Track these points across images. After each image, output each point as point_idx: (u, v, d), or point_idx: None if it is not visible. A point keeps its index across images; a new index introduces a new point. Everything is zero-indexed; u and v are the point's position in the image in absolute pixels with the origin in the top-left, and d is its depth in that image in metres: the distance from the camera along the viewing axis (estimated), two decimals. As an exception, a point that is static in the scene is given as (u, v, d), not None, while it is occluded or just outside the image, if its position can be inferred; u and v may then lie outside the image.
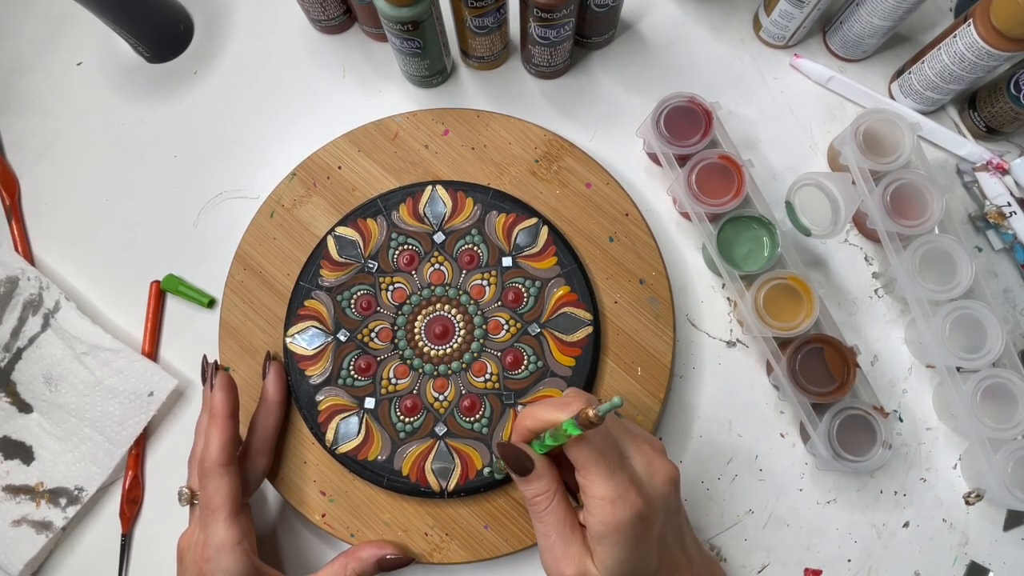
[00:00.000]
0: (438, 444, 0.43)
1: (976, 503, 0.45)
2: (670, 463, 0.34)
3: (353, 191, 0.48)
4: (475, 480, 0.43)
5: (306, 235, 0.48)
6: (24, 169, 0.54)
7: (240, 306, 0.47)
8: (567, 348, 0.44)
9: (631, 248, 0.46)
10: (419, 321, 0.45)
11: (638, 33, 0.53)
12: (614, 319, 0.45)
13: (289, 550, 0.46)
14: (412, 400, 0.44)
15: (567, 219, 0.47)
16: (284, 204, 0.48)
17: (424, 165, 0.48)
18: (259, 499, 0.47)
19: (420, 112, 0.49)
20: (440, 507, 0.44)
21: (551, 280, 0.45)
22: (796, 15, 0.48)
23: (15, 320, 0.49)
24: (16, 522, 0.46)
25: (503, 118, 0.48)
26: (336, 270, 0.46)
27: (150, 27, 0.52)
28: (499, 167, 0.48)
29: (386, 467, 0.43)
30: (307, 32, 0.54)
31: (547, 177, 0.47)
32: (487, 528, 0.43)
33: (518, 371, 0.44)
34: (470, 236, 0.46)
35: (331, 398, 0.44)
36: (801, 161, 0.50)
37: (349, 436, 0.44)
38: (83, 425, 0.47)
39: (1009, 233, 0.47)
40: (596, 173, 0.47)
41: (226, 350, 0.47)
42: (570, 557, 0.33)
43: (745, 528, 0.45)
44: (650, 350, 0.45)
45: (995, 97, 0.46)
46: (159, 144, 0.53)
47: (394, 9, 0.43)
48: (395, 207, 0.47)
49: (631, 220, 0.47)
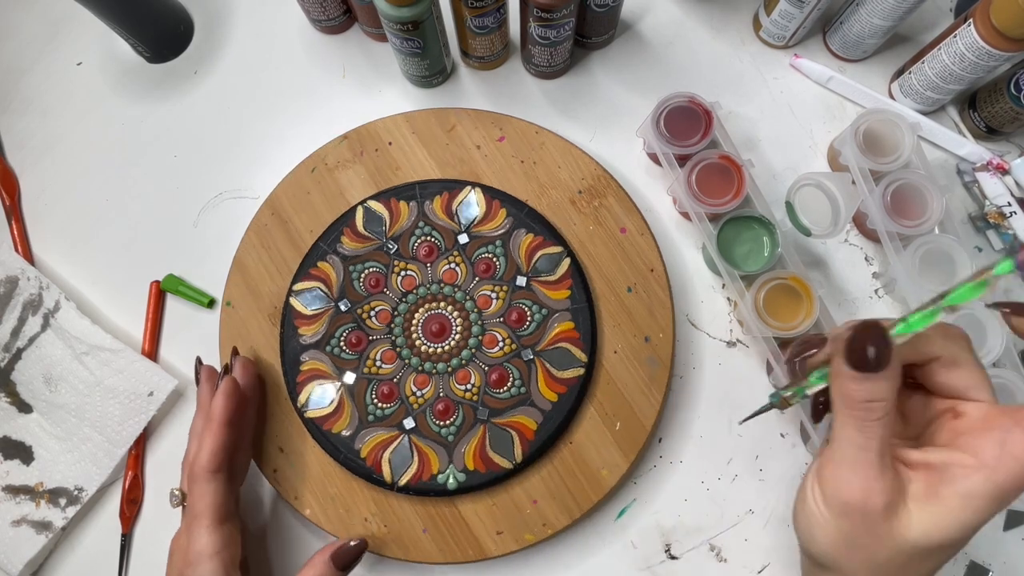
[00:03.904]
0: (402, 438, 0.43)
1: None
2: None
3: (396, 170, 0.48)
4: (428, 483, 0.42)
5: (339, 199, 0.48)
6: (24, 169, 0.54)
7: (257, 248, 0.48)
8: (554, 383, 0.44)
9: (646, 304, 0.45)
10: (419, 313, 0.45)
11: (638, 33, 0.53)
12: (609, 368, 0.44)
13: (276, 548, 0.46)
14: (390, 387, 0.44)
15: (592, 257, 0.46)
16: (327, 163, 0.49)
17: (471, 164, 0.48)
18: (252, 499, 0.47)
19: (483, 112, 0.49)
20: (387, 498, 0.44)
21: (558, 312, 0.45)
22: (796, 15, 0.48)
23: (15, 320, 0.49)
24: (16, 522, 0.46)
25: (560, 141, 0.48)
26: (357, 241, 0.46)
27: (150, 27, 0.52)
28: (542, 187, 0.47)
29: (347, 443, 0.43)
30: (307, 32, 0.54)
31: (585, 210, 0.47)
32: (425, 532, 0.43)
33: (500, 390, 0.44)
34: (493, 246, 0.46)
35: (314, 362, 0.45)
36: (801, 161, 0.50)
37: (321, 404, 0.44)
38: (83, 425, 0.47)
39: (1009, 233, 0.47)
40: (634, 220, 0.46)
41: (232, 286, 0.47)
42: (883, 486, 0.26)
43: (745, 528, 0.45)
44: (635, 409, 0.44)
45: (995, 97, 0.46)
46: (159, 144, 0.53)
47: (394, 9, 0.43)
48: (431, 197, 0.47)
49: (654, 277, 0.46)
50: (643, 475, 0.46)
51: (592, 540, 0.45)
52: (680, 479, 0.45)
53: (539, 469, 0.43)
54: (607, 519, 0.45)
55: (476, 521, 0.43)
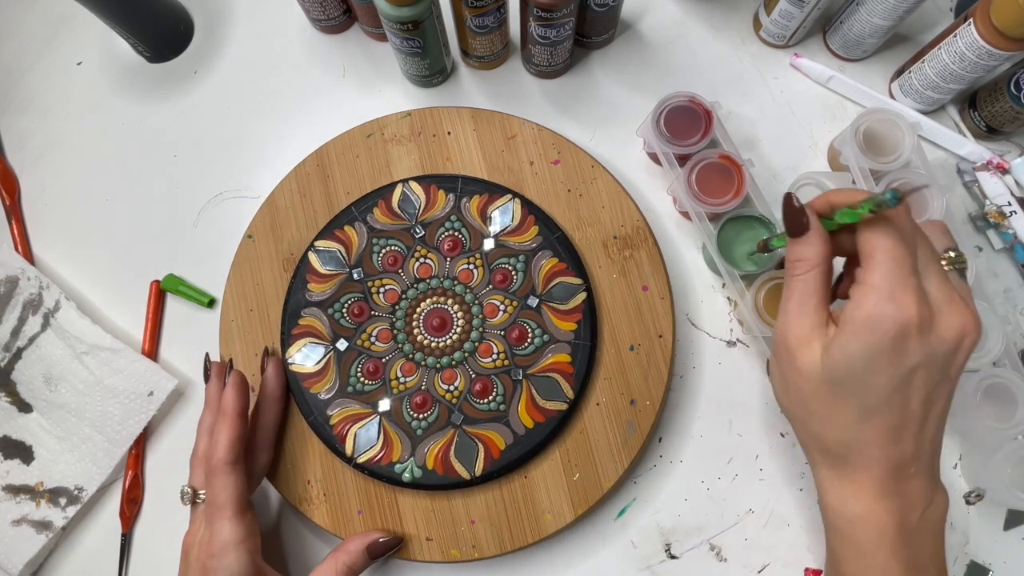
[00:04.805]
0: (374, 418, 0.43)
1: (976, 503, 0.44)
2: (973, 319, 0.30)
3: (446, 160, 0.48)
4: (385, 468, 0.43)
5: (384, 171, 0.48)
6: (24, 169, 0.54)
7: (293, 192, 0.48)
8: (535, 410, 0.43)
9: (644, 368, 0.44)
10: (425, 304, 0.45)
11: (638, 33, 0.53)
12: (587, 418, 0.43)
13: (293, 550, 0.46)
14: (376, 365, 0.44)
15: (607, 305, 0.45)
16: (384, 134, 0.49)
17: (519, 177, 0.48)
18: (262, 500, 0.47)
19: (547, 131, 0.48)
20: (336, 469, 0.44)
21: (559, 342, 0.44)
22: (796, 15, 0.47)
23: (15, 320, 0.49)
24: (16, 522, 0.46)
25: (612, 182, 0.47)
26: (388, 216, 0.46)
27: (150, 27, 0.52)
28: (580, 220, 0.47)
29: (321, 407, 0.44)
30: (307, 32, 0.54)
31: (614, 257, 0.46)
32: (360, 513, 0.43)
33: (481, 401, 0.43)
34: (515, 259, 0.45)
35: (313, 319, 0.45)
36: (801, 161, 0.50)
37: (307, 362, 0.44)
38: (83, 425, 0.47)
39: (1009, 233, 0.47)
40: (659, 281, 0.45)
41: (258, 220, 0.48)
42: (800, 325, 0.32)
43: (745, 528, 0.45)
44: (598, 466, 0.43)
45: (995, 96, 0.46)
46: (159, 144, 0.53)
47: (394, 9, 0.43)
48: (470, 195, 0.46)
49: (661, 344, 0.44)
50: (643, 474, 0.46)
51: (592, 540, 0.45)
52: (680, 479, 0.45)
53: (487, 491, 0.43)
54: (607, 518, 0.45)
55: (411, 520, 0.43)
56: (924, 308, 0.29)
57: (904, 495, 0.32)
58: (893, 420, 0.31)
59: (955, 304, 0.30)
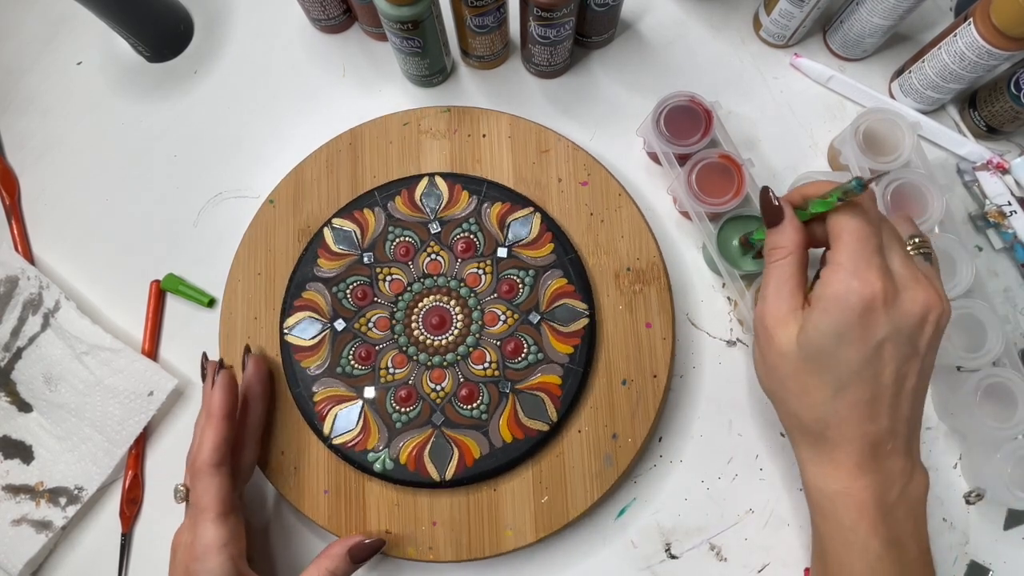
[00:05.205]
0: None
1: (976, 503, 0.44)
2: (937, 296, 0.32)
3: (476, 161, 0.48)
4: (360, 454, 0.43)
5: (413, 161, 0.48)
6: (24, 169, 0.54)
7: (322, 166, 0.48)
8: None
9: (632, 405, 0.44)
10: (426, 301, 0.45)
11: (638, 32, 0.53)
12: (566, 443, 0.43)
13: (281, 548, 0.46)
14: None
15: (607, 336, 0.45)
16: (420, 125, 0.49)
17: (543, 191, 0.47)
18: (256, 497, 0.47)
19: (580, 150, 0.48)
20: (311, 446, 0.44)
21: (553, 362, 0.44)
22: (796, 14, 0.47)
23: (15, 320, 0.49)
24: (16, 521, 0.46)
25: (636, 213, 0.46)
26: (409, 208, 0.46)
27: (150, 27, 0.52)
28: (597, 246, 0.46)
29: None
30: (307, 32, 0.55)
31: (624, 289, 0.45)
32: (326, 493, 0.43)
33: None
34: (524, 273, 0.45)
35: (314, 294, 0.45)
36: (801, 161, 0.50)
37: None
38: (83, 425, 0.47)
39: (1009, 232, 0.47)
40: (665, 321, 0.45)
41: (283, 186, 0.48)
42: (778, 308, 0.33)
43: (745, 528, 0.45)
44: (568, 493, 0.43)
45: (995, 96, 0.46)
46: (159, 144, 0.53)
47: (394, 8, 0.43)
48: (492, 201, 0.46)
49: (654, 384, 0.44)
50: (643, 474, 0.46)
51: (592, 539, 0.45)
52: (680, 478, 0.45)
53: (454, 496, 0.43)
54: (607, 518, 0.45)
55: (374, 510, 0.43)
56: (888, 283, 0.31)
57: (882, 472, 0.33)
58: (865, 394, 0.32)
59: (919, 282, 0.32)
